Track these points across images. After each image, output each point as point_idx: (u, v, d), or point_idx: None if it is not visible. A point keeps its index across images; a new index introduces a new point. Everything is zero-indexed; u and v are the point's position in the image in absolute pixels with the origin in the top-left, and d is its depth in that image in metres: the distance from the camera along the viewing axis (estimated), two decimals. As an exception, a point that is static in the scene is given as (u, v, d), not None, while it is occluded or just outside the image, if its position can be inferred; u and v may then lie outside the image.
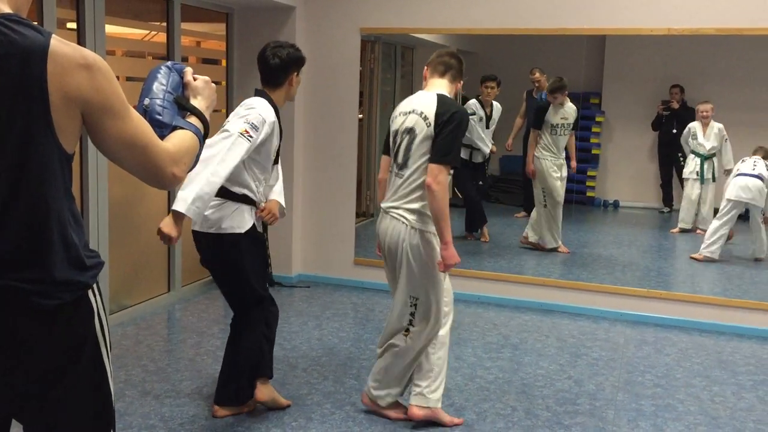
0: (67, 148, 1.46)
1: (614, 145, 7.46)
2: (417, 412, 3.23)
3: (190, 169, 1.71)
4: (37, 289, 1.44)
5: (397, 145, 3.19)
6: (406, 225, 3.11)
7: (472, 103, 6.49)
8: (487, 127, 6.47)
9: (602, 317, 5.03)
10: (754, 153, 6.04)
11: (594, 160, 7.51)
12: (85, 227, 1.88)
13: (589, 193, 7.58)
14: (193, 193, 2.83)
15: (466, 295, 5.27)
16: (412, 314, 3.19)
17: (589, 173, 7.52)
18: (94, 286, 1.57)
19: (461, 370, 3.96)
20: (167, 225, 2.86)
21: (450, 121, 3.02)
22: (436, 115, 3.04)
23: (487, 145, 6.48)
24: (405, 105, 3.22)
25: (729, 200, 5.91)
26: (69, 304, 1.50)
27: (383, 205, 3.26)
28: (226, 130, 3.00)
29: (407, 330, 3.20)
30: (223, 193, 3.10)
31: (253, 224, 3.19)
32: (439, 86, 3.19)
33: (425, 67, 3.28)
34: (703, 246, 6.05)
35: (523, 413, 3.46)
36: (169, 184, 1.60)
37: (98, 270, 1.58)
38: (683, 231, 6.71)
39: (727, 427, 3.40)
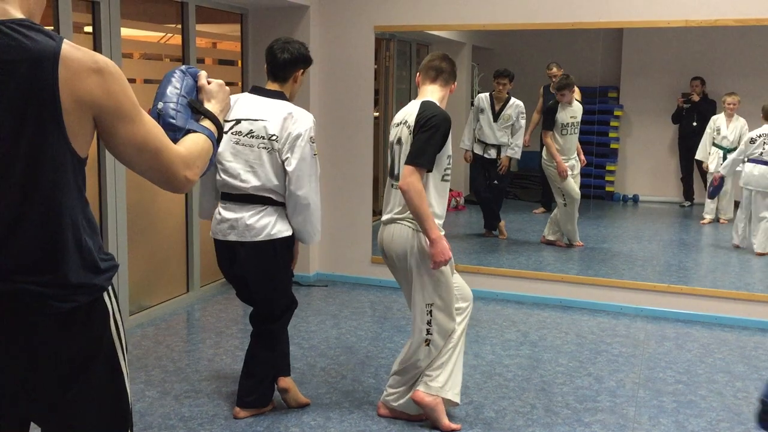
0: (80, 153, 1.47)
1: (633, 139, 7.39)
2: (422, 397, 3.17)
3: (204, 173, 1.72)
4: (52, 292, 1.46)
5: (391, 157, 3.21)
6: (412, 228, 3.09)
7: (482, 96, 6.46)
8: (495, 121, 6.42)
9: (622, 313, 4.99)
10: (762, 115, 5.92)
11: (613, 155, 7.44)
12: (100, 230, 1.89)
13: (608, 188, 7.52)
14: (318, 225, 3.19)
15: (484, 293, 5.25)
16: (429, 323, 3.13)
17: (608, 168, 7.46)
18: (110, 288, 1.58)
19: (480, 368, 3.94)
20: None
21: (426, 125, 3.01)
22: (416, 121, 3.05)
23: (497, 139, 6.43)
24: (398, 116, 3.24)
25: (741, 187, 6.00)
26: (84, 307, 1.51)
27: (384, 217, 3.24)
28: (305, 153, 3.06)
29: (427, 341, 3.16)
30: (264, 200, 3.10)
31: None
32: (430, 92, 3.18)
33: (417, 74, 3.28)
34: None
35: (542, 411, 3.44)
36: (182, 188, 1.61)
37: (113, 273, 1.59)
38: (710, 222, 6.68)
39: (750, 423, 3.36)
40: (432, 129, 2.99)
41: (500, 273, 5.40)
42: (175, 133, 1.66)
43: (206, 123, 1.74)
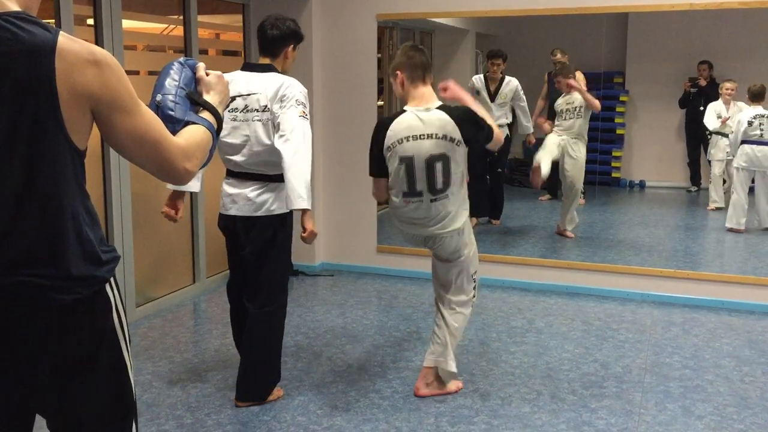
0: (79, 145, 1.47)
1: (639, 124, 7.36)
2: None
3: (204, 165, 1.72)
4: (54, 284, 1.46)
5: (412, 173, 3.17)
6: (456, 233, 3.26)
7: (477, 78, 6.42)
8: (492, 101, 6.38)
9: (629, 299, 4.98)
10: (753, 100, 5.94)
11: (619, 141, 7.41)
12: (105, 223, 1.90)
13: (615, 174, 7.50)
14: (305, 186, 2.97)
15: (490, 280, 5.25)
16: (474, 287, 3.43)
17: (614, 154, 7.44)
18: (111, 280, 1.58)
19: (486, 355, 3.95)
20: (312, 224, 3.08)
21: (477, 125, 3.20)
22: (463, 131, 3.14)
23: (495, 119, 6.38)
24: (413, 128, 3.14)
25: (739, 168, 5.99)
26: (87, 299, 1.52)
27: (430, 231, 3.26)
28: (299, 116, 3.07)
29: (472, 304, 3.46)
30: (262, 177, 3.16)
31: None
32: (429, 96, 3.20)
33: (396, 72, 3.20)
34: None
35: (548, 397, 3.44)
36: (181, 179, 1.60)
37: (114, 264, 1.59)
38: (719, 209, 6.63)
39: (756, 408, 3.36)
40: (478, 121, 3.20)
41: (506, 260, 5.39)
42: (174, 125, 1.66)
43: (205, 114, 1.74)
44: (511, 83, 6.37)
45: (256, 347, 3.29)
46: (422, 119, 3.13)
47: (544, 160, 5.91)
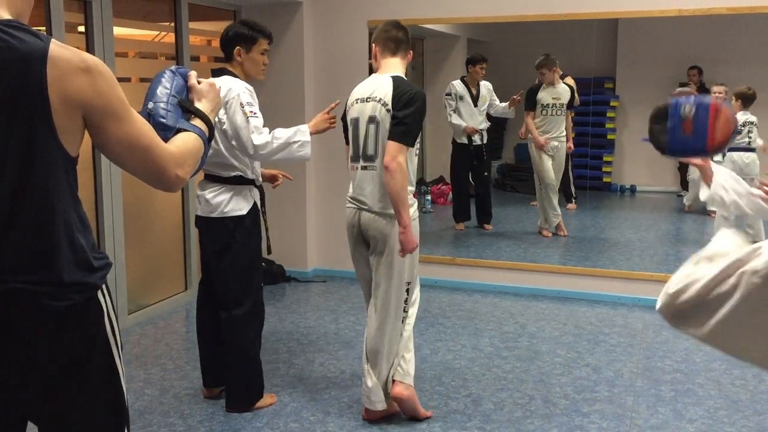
0: (71, 152, 1.47)
1: (630, 129, 7.39)
2: (401, 391, 3.16)
3: (196, 172, 1.73)
4: (46, 291, 1.46)
5: (356, 136, 3.14)
6: (388, 217, 3.09)
7: (456, 83, 6.42)
8: (476, 106, 6.39)
9: (620, 303, 5.00)
10: (740, 101, 5.65)
11: (610, 146, 7.45)
12: (96, 230, 1.90)
13: (606, 179, 7.53)
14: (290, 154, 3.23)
15: (482, 285, 5.26)
16: (406, 301, 3.18)
17: (605, 159, 7.47)
18: (103, 287, 1.58)
19: (478, 360, 3.95)
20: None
21: (409, 103, 2.97)
22: (394, 98, 2.99)
23: (478, 123, 6.40)
24: (360, 91, 3.15)
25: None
26: (79, 306, 1.52)
27: (360, 201, 3.17)
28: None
29: (403, 318, 3.20)
30: (218, 179, 3.20)
31: (254, 204, 3.26)
32: (393, 66, 3.13)
33: (373, 45, 3.20)
34: None
35: (541, 402, 3.45)
36: (173, 186, 1.61)
37: (106, 271, 1.59)
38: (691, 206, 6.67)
39: (747, 411, 3.37)
40: (415, 106, 2.98)
41: (498, 265, 5.40)
42: (166, 132, 1.67)
43: (197, 122, 1.75)
44: (487, 85, 6.44)
45: (230, 353, 3.29)
46: (373, 83, 3.12)
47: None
